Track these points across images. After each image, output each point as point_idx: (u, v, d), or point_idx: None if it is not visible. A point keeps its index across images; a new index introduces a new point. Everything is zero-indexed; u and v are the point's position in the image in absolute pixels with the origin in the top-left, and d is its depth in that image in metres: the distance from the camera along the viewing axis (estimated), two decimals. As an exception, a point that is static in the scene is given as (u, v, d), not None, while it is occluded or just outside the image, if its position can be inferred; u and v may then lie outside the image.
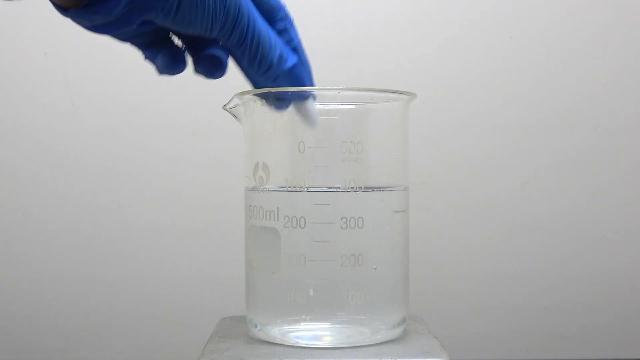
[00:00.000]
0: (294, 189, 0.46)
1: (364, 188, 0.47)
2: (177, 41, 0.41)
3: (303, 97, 0.44)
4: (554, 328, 0.76)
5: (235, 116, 0.51)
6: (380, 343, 0.48)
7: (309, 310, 0.46)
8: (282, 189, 0.47)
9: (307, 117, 0.45)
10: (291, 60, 0.43)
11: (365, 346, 0.47)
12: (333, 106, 0.47)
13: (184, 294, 0.75)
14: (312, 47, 0.74)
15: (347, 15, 0.73)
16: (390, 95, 0.49)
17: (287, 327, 0.47)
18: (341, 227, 0.46)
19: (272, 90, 0.46)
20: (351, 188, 0.46)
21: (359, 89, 0.46)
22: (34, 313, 0.75)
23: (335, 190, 0.47)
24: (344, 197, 0.46)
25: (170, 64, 0.39)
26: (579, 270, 0.75)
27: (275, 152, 0.48)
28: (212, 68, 0.40)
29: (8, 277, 0.74)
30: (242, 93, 0.49)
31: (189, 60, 0.41)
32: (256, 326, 0.49)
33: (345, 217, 0.46)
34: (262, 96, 0.46)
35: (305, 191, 0.46)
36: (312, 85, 0.45)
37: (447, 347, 0.48)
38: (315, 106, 0.45)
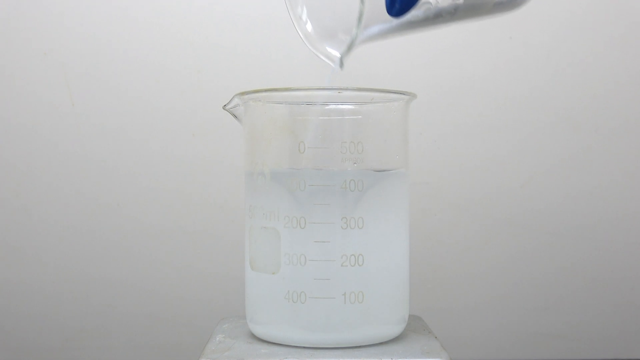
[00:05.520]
0: (294, 189, 0.46)
1: (364, 188, 0.47)
2: None
3: None
4: (553, 328, 0.76)
5: (235, 116, 0.51)
6: (380, 343, 0.48)
7: (309, 310, 0.46)
8: (282, 189, 0.47)
9: None
10: None
11: (366, 346, 0.47)
12: (333, 106, 0.47)
13: (184, 294, 0.75)
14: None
15: (347, 15, 0.73)
16: (390, 96, 0.49)
17: (287, 327, 0.47)
18: (341, 227, 0.46)
19: (271, 92, 0.45)
20: (351, 188, 0.47)
21: (359, 89, 0.46)
22: (34, 313, 0.74)
23: (335, 190, 0.47)
24: (344, 197, 0.47)
25: None
26: (579, 270, 0.75)
27: (275, 152, 0.48)
28: None
29: (8, 277, 0.74)
30: (242, 93, 0.49)
31: None
32: (256, 326, 0.49)
33: (346, 217, 0.46)
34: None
35: (305, 191, 0.46)
36: None
37: (447, 347, 0.48)
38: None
